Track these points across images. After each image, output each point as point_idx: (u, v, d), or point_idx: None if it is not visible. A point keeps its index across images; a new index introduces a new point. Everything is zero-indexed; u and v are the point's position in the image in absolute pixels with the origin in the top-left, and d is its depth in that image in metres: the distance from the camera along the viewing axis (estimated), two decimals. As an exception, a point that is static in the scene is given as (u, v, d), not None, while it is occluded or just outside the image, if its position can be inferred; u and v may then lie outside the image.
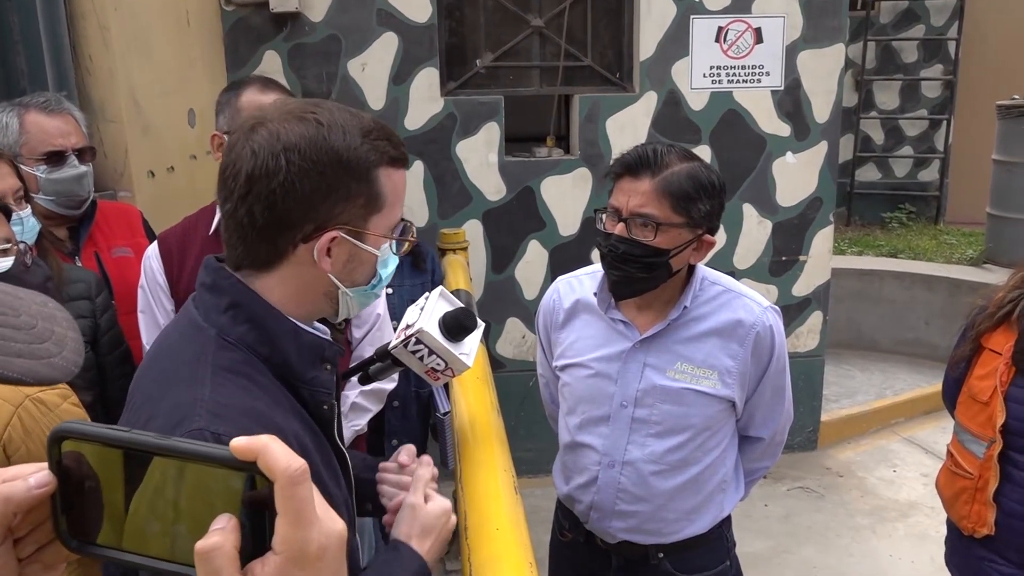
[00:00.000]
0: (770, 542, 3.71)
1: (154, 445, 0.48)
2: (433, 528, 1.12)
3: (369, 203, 1.00)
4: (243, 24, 3.67)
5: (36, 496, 0.49)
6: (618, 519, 1.78)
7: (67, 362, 0.52)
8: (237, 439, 0.47)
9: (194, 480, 0.48)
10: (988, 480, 1.91)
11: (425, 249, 2.95)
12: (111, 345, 2.00)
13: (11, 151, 1.96)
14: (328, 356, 1.04)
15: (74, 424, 0.50)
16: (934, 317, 5.71)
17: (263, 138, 0.95)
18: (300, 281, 1.01)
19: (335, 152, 0.96)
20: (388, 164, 1.01)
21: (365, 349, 2.21)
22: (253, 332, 0.98)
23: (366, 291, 1.07)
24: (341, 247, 1.00)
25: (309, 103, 1.01)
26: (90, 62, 2.50)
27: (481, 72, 3.98)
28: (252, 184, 0.95)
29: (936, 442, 4.62)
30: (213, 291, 1.01)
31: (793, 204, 4.15)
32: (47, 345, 0.53)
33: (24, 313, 0.55)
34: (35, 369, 0.50)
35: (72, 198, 2.09)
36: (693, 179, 1.57)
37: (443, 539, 1.14)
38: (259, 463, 0.47)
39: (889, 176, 8.49)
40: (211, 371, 0.94)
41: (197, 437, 0.86)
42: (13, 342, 0.51)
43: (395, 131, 1.05)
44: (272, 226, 0.97)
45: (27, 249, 1.49)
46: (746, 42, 3.91)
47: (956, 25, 8.13)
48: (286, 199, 0.95)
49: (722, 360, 1.70)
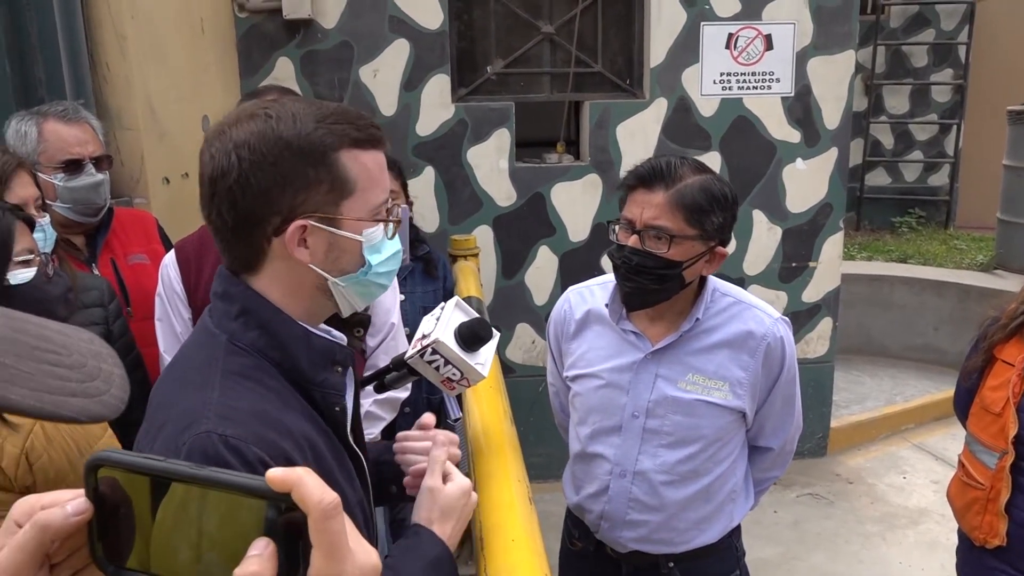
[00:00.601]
0: (779, 549, 3.71)
1: (190, 475, 0.49)
2: (453, 510, 1.10)
3: (335, 188, 0.98)
4: (256, 31, 3.69)
5: (74, 523, 0.50)
6: (629, 529, 1.79)
7: (115, 399, 0.54)
8: (273, 471, 0.47)
9: (224, 506, 0.49)
10: (1000, 491, 1.91)
11: (437, 256, 2.97)
12: (123, 352, 2.01)
13: (29, 159, 1.99)
14: (339, 359, 1.05)
15: (111, 453, 0.51)
16: (944, 323, 5.69)
17: (219, 142, 0.97)
18: (288, 277, 1.01)
19: (284, 141, 0.95)
20: (352, 146, 0.99)
21: (379, 358, 2.22)
22: (264, 337, 1.00)
23: (358, 279, 1.05)
24: (316, 236, 0.99)
25: (266, 102, 1.02)
26: (107, 70, 2.53)
27: (492, 78, 4.00)
28: (214, 186, 0.97)
29: (946, 448, 4.61)
30: (224, 299, 1.02)
31: (803, 210, 4.15)
32: (97, 383, 0.55)
33: (75, 352, 0.56)
34: (88, 407, 0.52)
35: (89, 206, 2.11)
36: (706, 191, 1.58)
37: (464, 520, 1.12)
38: (293, 495, 0.47)
39: (899, 180, 8.47)
40: (221, 375, 0.95)
41: (204, 440, 0.88)
42: (68, 381, 0.53)
43: (363, 114, 1.03)
44: (241, 225, 0.98)
45: (49, 259, 1.51)
46: (756, 49, 3.92)
47: (966, 29, 8.10)
48: (245, 195, 0.96)
49: (733, 371, 1.71)
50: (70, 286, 1.57)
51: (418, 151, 3.87)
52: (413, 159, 3.85)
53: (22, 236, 1.44)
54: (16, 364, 0.51)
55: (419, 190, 3.88)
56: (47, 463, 1.35)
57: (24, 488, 1.33)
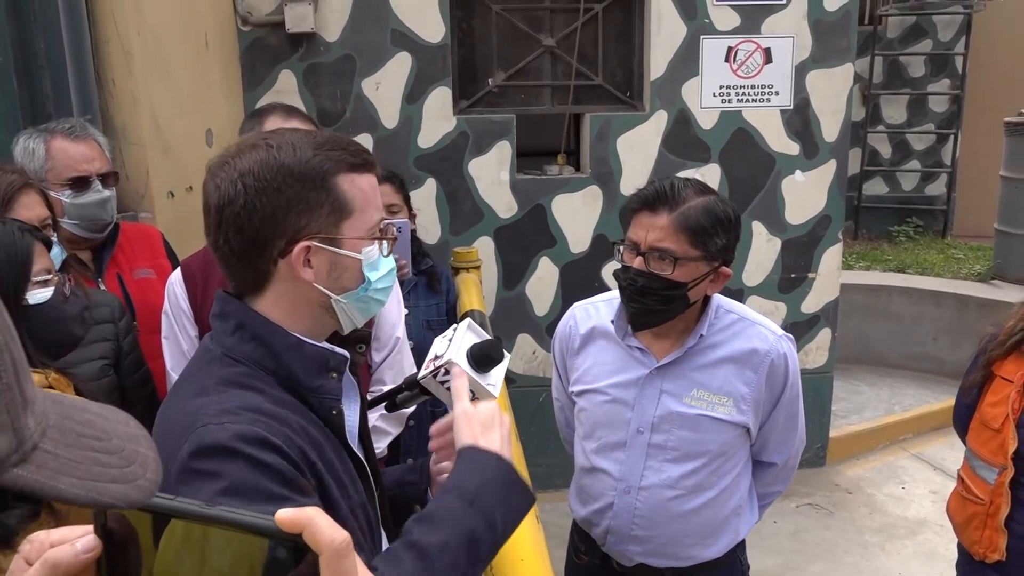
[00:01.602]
0: (779, 559, 3.73)
1: (199, 514, 0.50)
2: (492, 423, 1.11)
3: (336, 210, 1.04)
4: (260, 44, 3.72)
5: (83, 561, 0.50)
6: (635, 543, 1.80)
7: (151, 483, 0.55)
8: (282, 512, 0.48)
9: (227, 542, 0.49)
10: (999, 506, 1.94)
11: (440, 270, 2.98)
12: (132, 368, 2.03)
13: (37, 176, 2.00)
14: (333, 365, 1.09)
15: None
16: (942, 333, 5.72)
17: (224, 172, 1.03)
18: (292, 297, 1.06)
19: (287, 168, 1.01)
20: (348, 170, 1.05)
21: (385, 372, 2.24)
22: (259, 349, 1.04)
23: (358, 296, 1.10)
24: (319, 256, 1.05)
25: (264, 133, 1.09)
26: (113, 86, 2.55)
27: (493, 91, 4.02)
28: (221, 213, 1.02)
29: (944, 459, 4.63)
30: (221, 318, 1.08)
31: (802, 222, 4.17)
32: (134, 468, 0.56)
33: (114, 436, 0.58)
34: (127, 493, 0.53)
35: (96, 222, 2.13)
36: (710, 214, 1.60)
37: (506, 434, 1.11)
38: (304, 536, 0.48)
39: (896, 190, 8.51)
40: (215, 382, 1.00)
41: (203, 432, 0.92)
42: (109, 468, 0.54)
43: (354, 142, 1.09)
44: (248, 249, 1.03)
45: (65, 279, 1.53)
46: (756, 62, 3.95)
47: (963, 40, 8.15)
48: (251, 220, 1.01)
49: (737, 387, 1.73)
50: (86, 305, 1.58)
51: (419, 163, 3.89)
52: (415, 171, 3.88)
53: (40, 256, 1.45)
54: (66, 454, 0.53)
55: (421, 202, 3.90)
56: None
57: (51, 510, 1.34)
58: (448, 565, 0.95)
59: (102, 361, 1.90)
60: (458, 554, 0.96)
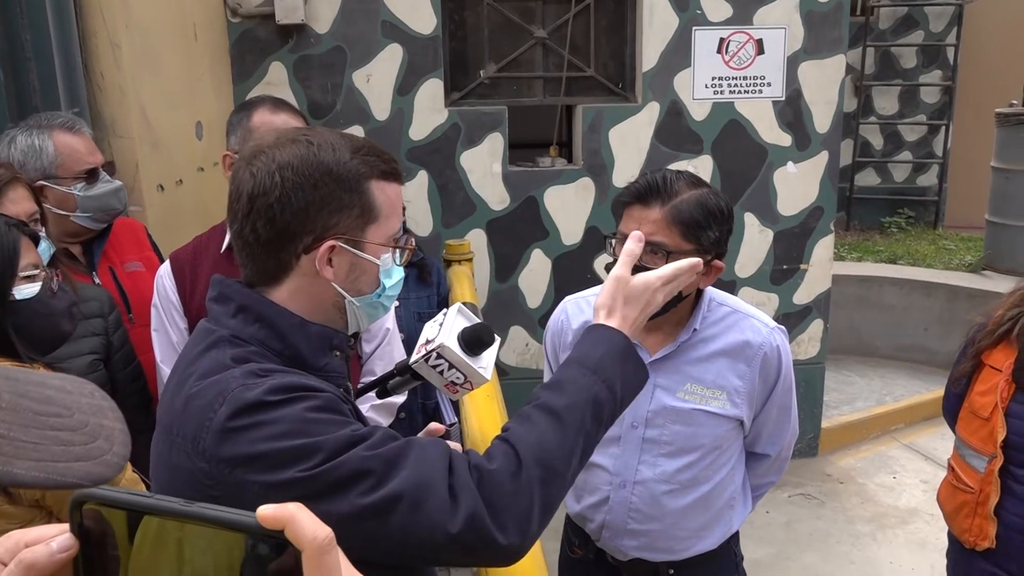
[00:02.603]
0: (771, 549, 3.75)
1: (179, 512, 0.48)
2: (637, 300, 1.18)
3: (364, 214, 1.07)
4: (249, 36, 3.69)
5: (59, 561, 0.49)
6: (630, 537, 1.81)
7: (118, 457, 0.54)
8: (264, 508, 0.47)
9: (204, 538, 0.48)
10: (989, 494, 1.95)
11: (431, 262, 2.98)
12: (124, 362, 2.03)
13: (45, 172, 1.99)
14: (336, 343, 1.11)
15: (95, 490, 0.50)
16: (933, 323, 5.75)
17: (261, 162, 1.04)
18: (308, 293, 1.08)
19: (325, 166, 1.03)
20: (379, 177, 1.08)
21: (376, 364, 2.23)
22: (264, 330, 1.05)
23: (371, 300, 1.12)
24: (341, 257, 1.06)
25: (304, 129, 1.11)
26: (101, 79, 2.53)
27: (485, 83, 4.01)
28: (253, 203, 1.03)
29: (935, 448, 4.66)
30: (220, 301, 1.08)
31: (794, 213, 4.18)
32: (99, 443, 0.55)
33: (77, 411, 0.56)
34: (92, 471, 0.52)
35: (109, 212, 2.13)
36: (702, 207, 1.59)
37: (644, 308, 1.19)
38: (287, 532, 0.47)
39: (888, 181, 8.53)
40: (230, 358, 1.01)
41: (237, 393, 0.93)
42: (72, 446, 0.53)
43: (387, 150, 1.12)
44: (274, 240, 1.04)
45: (53, 274, 1.52)
46: (748, 53, 3.95)
47: (955, 31, 8.17)
48: (284, 212, 1.02)
49: (731, 380, 1.73)
50: (75, 300, 1.57)
51: (411, 155, 3.88)
52: (406, 164, 3.86)
53: (27, 251, 1.44)
54: (21, 435, 0.51)
55: (412, 194, 3.89)
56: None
57: (33, 501, 1.34)
58: (576, 423, 1.05)
59: (92, 356, 1.89)
60: (584, 414, 1.06)
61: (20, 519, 1.30)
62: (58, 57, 2.38)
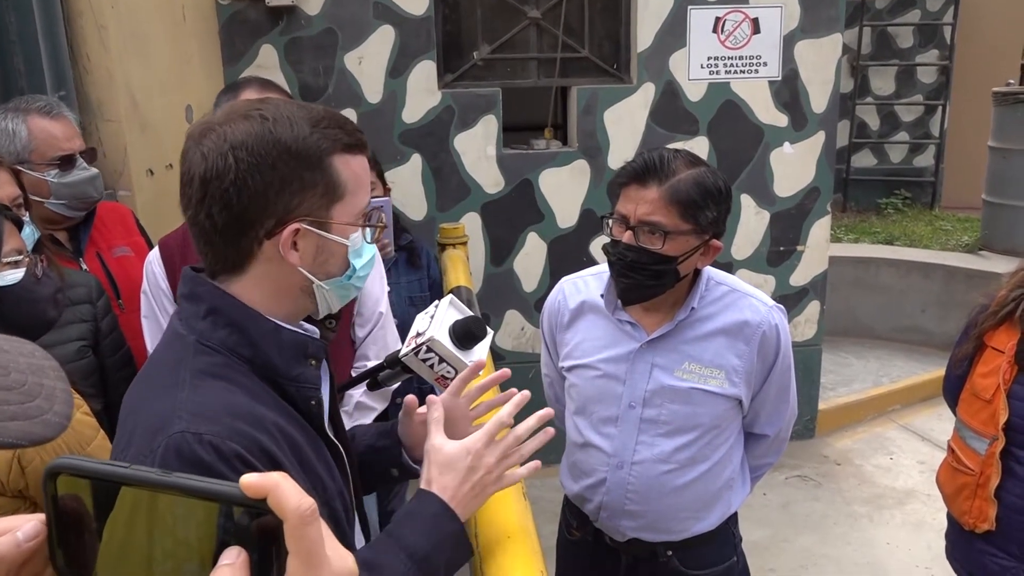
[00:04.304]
0: (769, 531, 3.75)
1: (157, 482, 0.47)
2: (451, 465, 1.09)
3: (328, 192, 0.99)
4: (239, 18, 3.64)
5: (28, 550, 0.48)
6: (628, 518, 1.79)
7: (59, 416, 0.52)
8: (247, 477, 0.46)
9: (182, 510, 0.47)
10: (990, 476, 1.93)
11: (420, 245, 2.94)
12: (112, 348, 2.00)
13: (19, 157, 1.95)
14: (311, 352, 1.04)
15: (69, 460, 0.49)
16: (930, 304, 5.74)
17: (211, 141, 0.95)
18: (273, 279, 1.01)
19: (283, 144, 0.95)
20: (343, 151, 1.00)
21: (369, 348, 2.21)
22: (234, 335, 0.99)
23: (341, 282, 1.05)
24: (307, 239, 0.99)
25: (255, 102, 1.01)
26: (88, 61, 2.49)
27: (478, 64, 3.96)
28: (206, 187, 0.95)
29: (932, 429, 4.66)
30: (191, 299, 1.02)
31: (791, 194, 4.15)
32: (38, 402, 0.52)
33: (13, 370, 0.54)
34: (30, 430, 0.50)
35: (85, 200, 2.09)
36: (700, 186, 1.57)
37: (470, 475, 1.09)
38: (269, 501, 0.46)
39: (885, 162, 8.50)
40: (190, 375, 0.95)
41: (179, 440, 0.87)
42: (6, 404, 0.50)
43: (348, 119, 1.04)
44: (233, 226, 0.97)
45: (38, 260, 1.49)
46: (743, 32, 3.90)
47: (952, 10, 8.12)
48: (240, 197, 0.95)
49: (729, 359, 1.72)
50: (60, 286, 1.54)
51: (404, 138, 3.84)
52: (400, 146, 3.83)
53: (11, 237, 1.41)
54: None
55: (406, 178, 3.85)
56: (39, 466, 1.34)
57: (17, 491, 1.32)
58: None
59: (80, 342, 1.86)
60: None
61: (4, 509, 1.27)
62: (43, 39, 2.33)
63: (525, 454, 1.16)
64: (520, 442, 1.15)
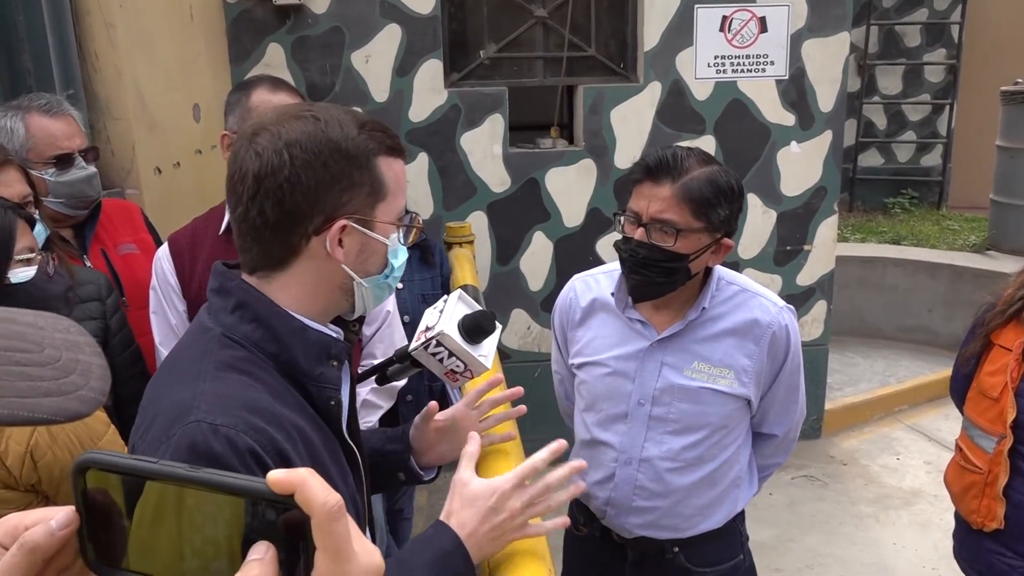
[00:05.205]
0: (775, 531, 3.74)
1: (185, 477, 0.48)
2: (473, 502, 1.08)
3: (373, 191, 1.03)
4: (246, 17, 3.65)
5: (61, 538, 0.49)
6: (635, 515, 1.80)
7: (95, 392, 0.52)
8: (275, 473, 0.47)
9: (210, 505, 0.48)
10: (998, 475, 1.93)
11: (433, 243, 2.95)
12: (122, 346, 2.00)
13: (17, 155, 1.96)
14: (335, 353, 1.06)
15: (99, 454, 0.49)
16: (937, 304, 5.72)
17: (265, 139, 0.98)
18: (316, 276, 1.03)
19: (334, 143, 0.99)
20: (386, 153, 1.04)
21: (376, 347, 2.21)
22: (260, 330, 1.00)
23: (379, 281, 1.08)
24: (352, 237, 1.02)
25: (305, 105, 1.06)
26: (96, 60, 2.50)
27: (485, 63, 3.96)
28: (260, 183, 0.98)
29: (939, 429, 4.65)
30: (220, 293, 1.04)
31: (798, 194, 4.14)
32: (73, 378, 0.53)
33: (48, 346, 0.54)
34: (64, 406, 0.50)
35: (82, 199, 2.09)
36: (713, 184, 1.57)
37: (486, 514, 1.07)
38: (297, 497, 0.46)
39: (892, 161, 8.47)
40: (213, 367, 0.96)
41: (194, 429, 0.88)
42: (40, 381, 0.51)
43: (388, 125, 1.08)
44: (283, 222, 0.99)
45: (49, 258, 1.49)
46: (750, 31, 3.90)
47: (959, 9, 8.08)
48: (293, 192, 0.98)
49: (739, 359, 1.72)
50: (71, 284, 1.55)
51: (411, 137, 3.84)
52: (407, 146, 3.81)
53: (23, 234, 1.42)
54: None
55: (413, 176, 3.85)
56: (51, 461, 1.35)
57: (29, 486, 1.33)
58: None
59: (89, 339, 1.86)
60: None
61: (17, 503, 1.28)
62: (52, 38, 2.34)
63: (554, 505, 1.13)
64: (550, 491, 1.12)
